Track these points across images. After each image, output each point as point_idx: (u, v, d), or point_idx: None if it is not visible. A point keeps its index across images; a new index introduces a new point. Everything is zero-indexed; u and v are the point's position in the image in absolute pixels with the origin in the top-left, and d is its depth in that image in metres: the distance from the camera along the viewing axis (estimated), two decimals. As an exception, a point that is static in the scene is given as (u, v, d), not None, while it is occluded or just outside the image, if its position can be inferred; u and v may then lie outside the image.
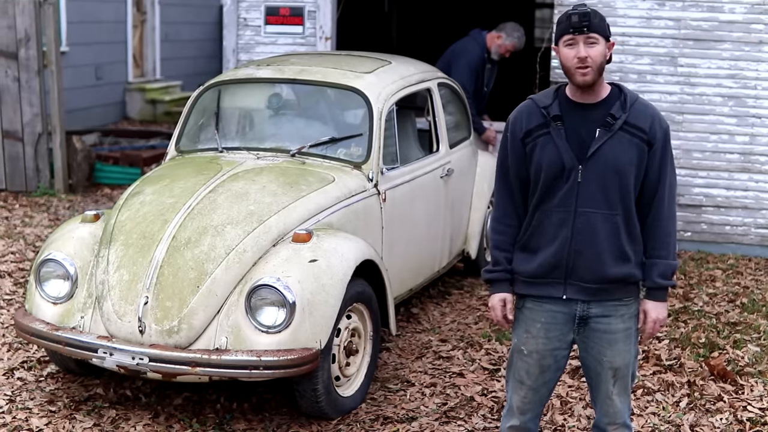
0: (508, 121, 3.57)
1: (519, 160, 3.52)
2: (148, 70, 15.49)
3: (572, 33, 3.35)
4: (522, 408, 3.68)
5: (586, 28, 3.33)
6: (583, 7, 3.39)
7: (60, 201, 9.33)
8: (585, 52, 3.34)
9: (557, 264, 3.47)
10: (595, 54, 3.35)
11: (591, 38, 3.35)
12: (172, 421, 4.79)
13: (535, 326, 3.57)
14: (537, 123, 3.47)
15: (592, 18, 3.35)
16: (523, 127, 3.49)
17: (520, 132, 3.50)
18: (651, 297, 3.52)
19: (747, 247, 8.07)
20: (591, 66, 3.34)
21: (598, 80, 3.41)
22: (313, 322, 4.52)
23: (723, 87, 7.95)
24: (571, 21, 3.36)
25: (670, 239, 3.50)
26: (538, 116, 3.47)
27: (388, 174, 5.61)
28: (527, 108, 3.52)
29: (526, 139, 3.48)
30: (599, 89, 3.45)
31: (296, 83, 5.93)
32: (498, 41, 8.11)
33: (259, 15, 8.90)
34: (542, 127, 3.45)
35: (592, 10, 3.38)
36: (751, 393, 5.20)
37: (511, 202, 3.58)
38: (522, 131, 3.49)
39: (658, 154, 3.43)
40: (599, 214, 3.41)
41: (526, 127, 3.48)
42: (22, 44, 9.36)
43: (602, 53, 3.37)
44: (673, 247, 3.51)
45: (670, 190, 3.48)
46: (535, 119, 3.48)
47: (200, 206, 4.88)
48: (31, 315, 4.85)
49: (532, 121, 3.48)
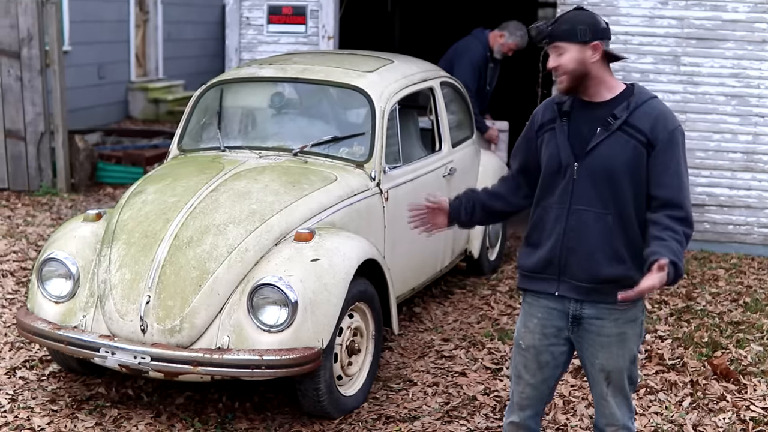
0: (533, 113, 3.67)
1: (529, 149, 3.61)
2: (151, 69, 15.50)
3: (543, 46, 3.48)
4: (521, 404, 3.68)
5: (547, 40, 3.45)
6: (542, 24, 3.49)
7: (62, 200, 9.33)
8: (554, 62, 3.45)
9: (551, 260, 3.48)
10: (564, 61, 3.41)
11: (557, 47, 3.44)
12: (174, 420, 4.78)
13: (532, 321, 3.59)
14: (549, 118, 3.54)
15: (554, 29, 3.43)
16: (539, 120, 3.59)
17: (536, 124, 3.59)
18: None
19: (750, 246, 8.06)
20: (563, 73, 3.42)
21: (582, 85, 3.43)
22: (315, 321, 4.51)
23: (726, 86, 7.94)
24: (531, 37, 3.53)
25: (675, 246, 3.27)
26: (551, 111, 3.55)
27: (391, 173, 5.61)
28: (548, 102, 3.61)
29: (538, 132, 3.57)
30: (600, 89, 3.45)
31: (299, 82, 5.93)
32: (501, 40, 8.11)
33: (261, 14, 8.90)
34: (551, 123, 3.52)
35: (558, 19, 3.46)
36: (754, 392, 5.19)
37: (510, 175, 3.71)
38: (538, 124, 3.59)
39: (660, 156, 3.36)
40: (591, 212, 3.41)
41: (541, 120, 3.57)
42: (25, 43, 9.36)
43: (573, 59, 3.41)
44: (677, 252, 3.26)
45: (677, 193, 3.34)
46: (548, 114, 3.56)
47: (202, 205, 4.88)
48: (33, 314, 4.85)
49: (546, 116, 3.56)
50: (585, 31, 3.40)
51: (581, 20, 3.42)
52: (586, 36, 3.40)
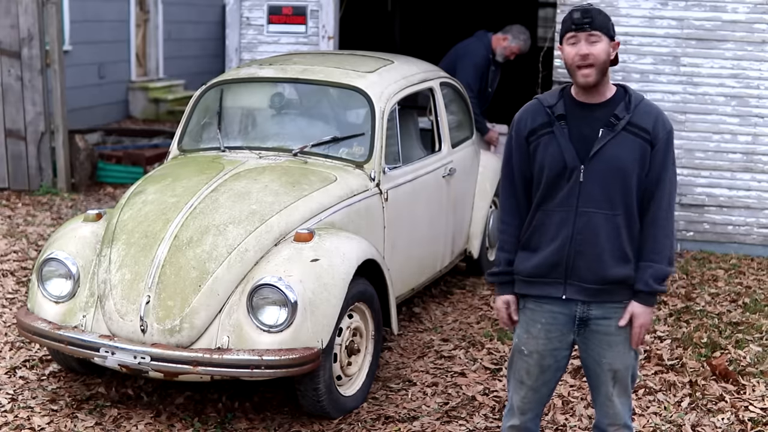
0: (514, 120, 3.58)
1: (523, 159, 3.52)
2: (151, 68, 15.50)
3: (575, 30, 3.36)
4: (522, 408, 3.68)
5: (588, 25, 3.34)
6: (587, 5, 3.40)
7: (62, 200, 9.34)
8: (587, 49, 3.34)
9: (557, 263, 3.46)
10: (597, 51, 3.34)
11: (593, 35, 3.35)
12: (174, 420, 4.79)
13: (535, 327, 3.57)
14: (541, 122, 3.47)
15: (595, 15, 3.36)
16: (527, 126, 3.50)
17: (524, 131, 3.51)
18: (640, 300, 3.45)
19: (749, 246, 8.07)
20: (593, 63, 3.34)
21: (601, 80, 3.40)
22: (314, 321, 4.52)
23: (726, 87, 7.94)
24: (573, 18, 3.37)
25: (665, 243, 3.44)
26: (542, 115, 3.47)
27: (390, 173, 5.61)
28: (532, 107, 3.53)
29: (530, 138, 3.49)
30: (603, 89, 3.45)
31: (299, 82, 5.94)
32: (504, 43, 8.11)
33: (261, 14, 8.91)
34: (546, 126, 3.46)
35: (596, 9, 3.40)
36: (752, 393, 5.19)
37: (515, 202, 3.58)
38: (526, 130, 3.50)
39: (659, 155, 3.41)
40: (601, 214, 3.41)
41: (531, 126, 3.49)
42: (25, 43, 9.37)
43: (605, 51, 3.37)
44: (668, 251, 3.44)
45: (669, 193, 3.44)
46: (539, 118, 3.48)
47: (202, 205, 4.88)
48: (33, 314, 4.85)
49: (537, 120, 3.48)
50: (613, 27, 3.41)
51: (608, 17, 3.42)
52: (612, 32, 3.40)
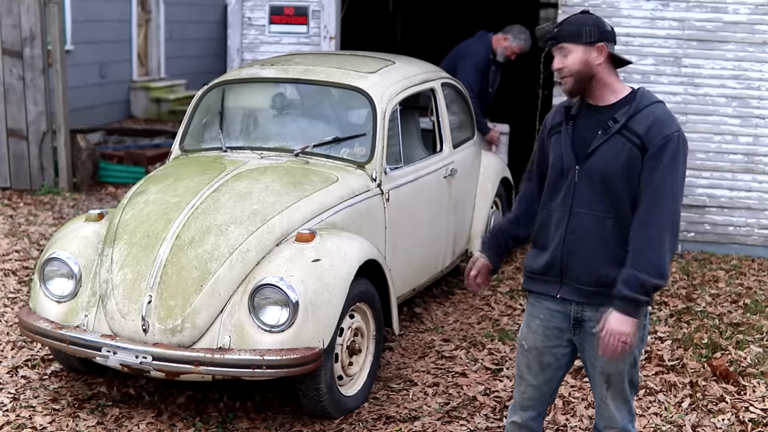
0: (546, 117, 3.70)
1: (543, 155, 3.63)
2: (153, 68, 15.51)
3: (549, 48, 3.48)
4: (522, 404, 3.69)
5: (553, 41, 3.46)
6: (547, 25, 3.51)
7: (64, 199, 9.35)
8: (559, 63, 3.45)
9: (553, 263, 3.50)
10: (569, 62, 3.42)
11: (562, 49, 3.44)
12: (176, 419, 4.80)
13: (534, 322, 3.60)
14: (558, 120, 3.57)
15: (560, 30, 3.44)
16: (548, 124, 3.63)
17: (547, 128, 3.63)
18: (614, 305, 3.32)
19: (750, 247, 8.07)
20: (566, 75, 3.43)
21: (589, 86, 3.44)
22: (316, 321, 4.53)
23: (727, 88, 7.95)
24: (536, 39, 3.55)
25: (647, 254, 3.28)
26: (560, 115, 3.57)
27: (392, 174, 5.62)
28: (558, 106, 3.63)
29: (549, 135, 3.61)
30: (606, 93, 3.45)
31: (300, 83, 5.94)
32: (504, 43, 8.12)
33: (263, 14, 8.91)
34: (559, 126, 3.55)
35: (565, 20, 3.47)
36: (753, 394, 5.20)
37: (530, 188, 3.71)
38: (548, 127, 3.62)
39: (652, 161, 3.33)
40: (592, 216, 3.42)
41: (551, 123, 3.61)
42: (27, 43, 9.38)
43: (579, 60, 3.41)
44: (653, 261, 3.27)
45: (662, 202, 3.31)
46: (558, 117, 3.58)
47: (204, 205, 4.89)
48: (35, 313, 4.86)
49: (556, 119, 3.59)
50: (591, 32, 3.42)
51: (586, 22, 3.44)
52: (591, 37, 3.41)
